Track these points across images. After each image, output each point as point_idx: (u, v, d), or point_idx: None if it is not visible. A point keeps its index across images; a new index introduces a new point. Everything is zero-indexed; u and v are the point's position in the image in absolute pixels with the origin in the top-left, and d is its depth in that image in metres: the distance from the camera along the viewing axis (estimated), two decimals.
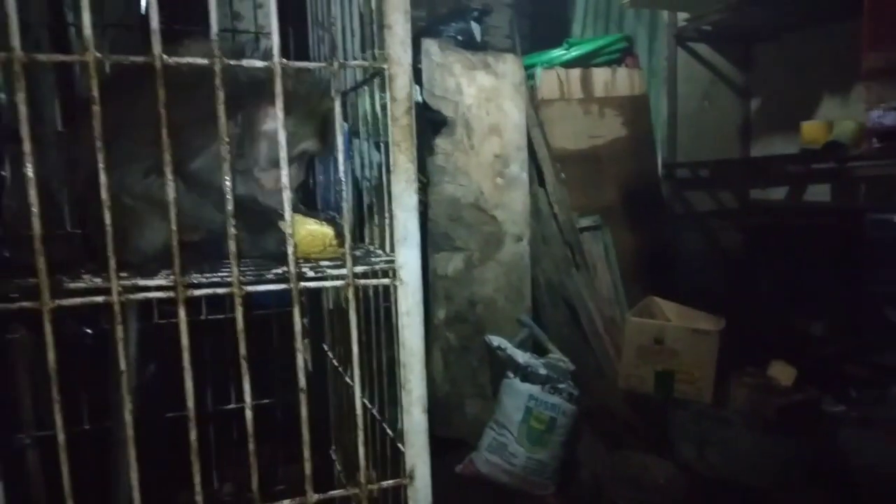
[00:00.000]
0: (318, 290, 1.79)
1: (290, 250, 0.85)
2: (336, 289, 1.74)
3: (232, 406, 2.28)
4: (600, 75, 3.67)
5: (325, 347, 1.80)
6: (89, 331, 1.77)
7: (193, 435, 0.83)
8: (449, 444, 2.92)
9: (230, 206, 0.80)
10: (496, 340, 3.06)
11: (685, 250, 3.73)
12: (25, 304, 0.76)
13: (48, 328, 0.77)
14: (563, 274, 3.35)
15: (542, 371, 2.84)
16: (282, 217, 1.11)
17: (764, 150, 3.77)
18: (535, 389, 2.80)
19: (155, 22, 0.73)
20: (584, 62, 3.69)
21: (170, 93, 0.77)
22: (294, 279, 0.86)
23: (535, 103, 3.52)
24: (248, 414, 0.87)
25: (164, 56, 0.74)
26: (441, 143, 3.21)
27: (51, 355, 0.77)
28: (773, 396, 2.72)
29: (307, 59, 1.73)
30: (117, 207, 0.83)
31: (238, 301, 0.83)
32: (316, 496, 0.92)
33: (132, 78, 1.01)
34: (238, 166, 1.11)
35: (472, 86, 3.25)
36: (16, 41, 0.73)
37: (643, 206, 3.69)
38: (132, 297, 0.80)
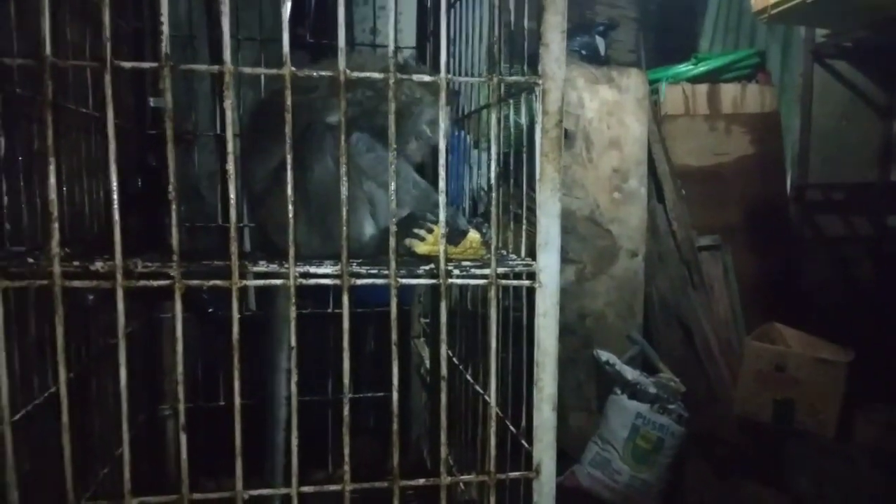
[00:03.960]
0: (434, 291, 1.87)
1: (441, 249, 0.93)
2: (459, 290, 1.82)
3: (352, 395, 2.41)
4: (728, 91, 3.57)
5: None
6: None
7: (346, 410, 0.92)
8: None
9: (394, 206, 0.89)
10: (605, 355, 3.04)
11: (812, 276, 3.54)
12: (217, 282, 0.88)
13: (235, 305, 0.88)
14: (679, 293, 3.28)
15: (652, 390, 2.80)
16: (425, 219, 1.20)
17: None
18: (643, 408, 2.77)
19: (342, 41, 0.83)
20: (712, 77, 3.61)
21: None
22: (443, 276, 0.94)
23: (657, 118, 3.47)
24: (395, 396, 0.95)
25: (347, 71, 0.84)
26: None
27: (235, 329, 0.89)
28: None
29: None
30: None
31: (393, 292, 0.92)
32: (448, 479, 0.99)
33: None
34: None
35: (595, 99, 3.26)
36: (227, 55, 0.85)
37: (768, 227, 3.54)
38: (305, 282, 0.90)
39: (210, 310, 2.10)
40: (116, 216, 0.86)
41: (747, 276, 3.48)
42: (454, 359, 1.73)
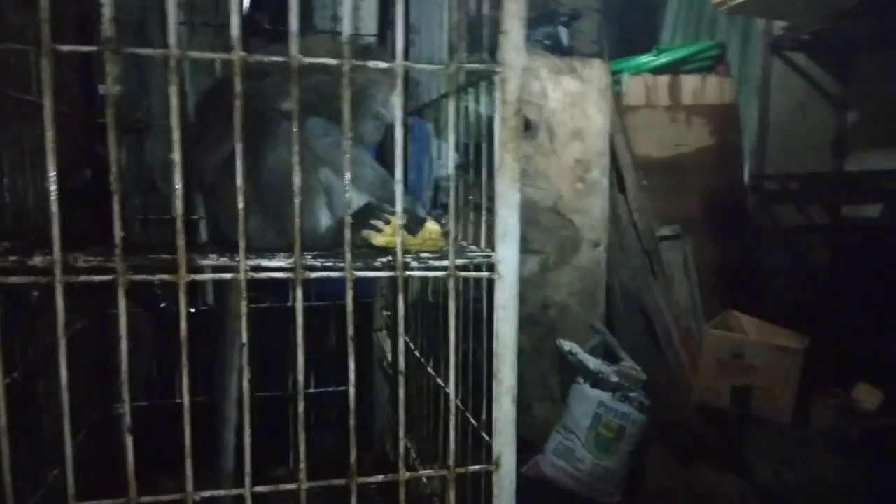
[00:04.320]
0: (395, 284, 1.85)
1: (398, 241, 0.91)
2: (421, 282, 1.80)
3: (312, 390, 2.39)
4: (689, 82, 3.61)
5: (407, 340, 1.86)
6: (193, 310, 1.89)
7: (301, 407, 0.90)
8: None
9: (349, 196, 0.86)
10: (567, 345, 3.06)
11: (769, 265, 3.62)
12: (164, 276, 0.85)
13: (183, 300, 0.85)
14: (640, 282, 3.31)
15: (614, 378, 2.82)
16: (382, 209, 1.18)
17: (859, 165, 3.62)
18: (605, 396, 2.79)
19: (294, 25, 0.80)
20: (673, 69, 3.64)
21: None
22: (400, 268, 0.91)
23: (620, 109, 3.49)
24: (352, 391, 0.93)
25: (300, 56, 0.81)
26: (522, 146, 3.23)
27: (183, 325, 0.85)
28: (858, 419, 2.62)
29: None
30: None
31: (349, 286, 0.89)
32: (407, 474, 0.97)
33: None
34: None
35: (558, 90, 3.26)
36: (172, 38, 0.81)
37: (727, 217, 3.60)
38: (256, 275, 0.87)
39: (163, 305, 2.04)
40: (55, 208, 0.82)
41: (707, 265, 3.54)
42: (416, 351, 1.71)
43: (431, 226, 1.15)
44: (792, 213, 3.74)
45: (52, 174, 0.81)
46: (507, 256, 0.95)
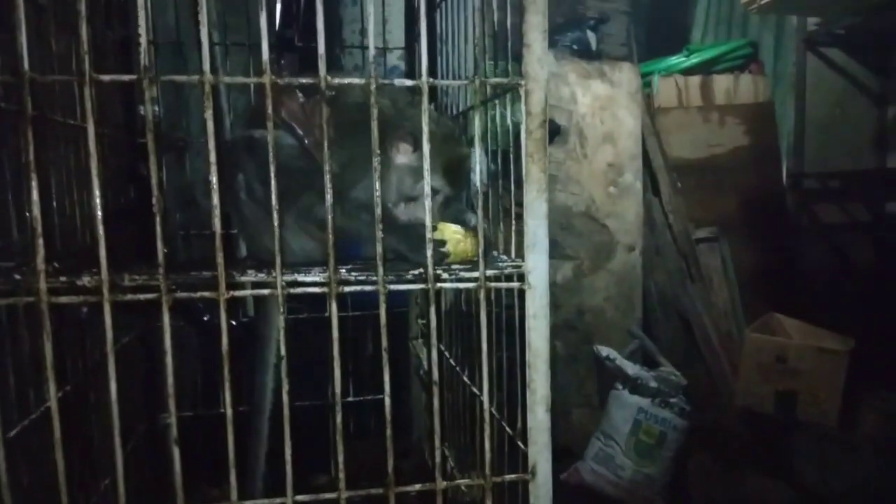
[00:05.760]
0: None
1: (428, 254, 0.92)
2: (455, 290, 1.82)
3: (350, 399, 2.42)
4: (722, 82, 3.56)
5: (441, 348, 1.88)
6: (234, 322, 1.94)
7: (339, 418, 0.92)
8: (553, 452, 2.93)
9: (378, 212, 0.88)
10: (605, 350, 3.04)
11: (810, 265, 3.54)
12: (205, 293, 0.88)
13: (223, 316, 0.88)
14: (677, 286, 3.28)
15: (653, 384, 2.79)
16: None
17: None
18: (644, 402, 2.76)
19: (321, 47, 0.83)
20: (704, 69, 3.60)
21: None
22: (431, 280, 0.93)
23: (651, 111, 3.47)
24: (387, 401, 0.95)
25: (328, 77, 0.84)
26: (553, 151, 3.24)
27: (224, 339, 0.88)
28: None
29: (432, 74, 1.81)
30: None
31: (382, 299, 0.91)
32: (444, 483, 0.98)
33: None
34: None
35: (587, 94, 3.26)
36: (206, 65, 0.84)
37: (765, 217, 3.54)
38: (293, 290, 0.90)
39: (206, 318, 2.10)
40: (101, 230, 0.86)
41: (746, 267, 3.48)
42: (451, 360, 1.72)
43: (468, 245, 1.14)
44: (833, 211, 3.65)
45: (98, 199, 0.85)
46: (537, 266, 0.96)
